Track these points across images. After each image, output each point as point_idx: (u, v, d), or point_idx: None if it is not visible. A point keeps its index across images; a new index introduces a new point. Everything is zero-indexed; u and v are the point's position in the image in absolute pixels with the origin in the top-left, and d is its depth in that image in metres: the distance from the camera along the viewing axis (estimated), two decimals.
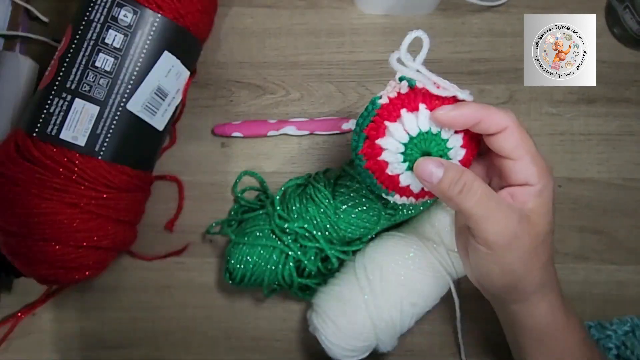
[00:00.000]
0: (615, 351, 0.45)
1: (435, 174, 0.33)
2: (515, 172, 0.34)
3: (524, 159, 0.33)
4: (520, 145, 0.33)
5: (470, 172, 0.33)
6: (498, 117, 0.33)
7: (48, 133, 0.41)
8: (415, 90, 0.33)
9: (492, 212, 0.33)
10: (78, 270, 0.44)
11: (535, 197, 0.34)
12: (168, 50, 0.44)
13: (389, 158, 0.35)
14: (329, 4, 0.54)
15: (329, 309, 0.44)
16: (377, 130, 0.34)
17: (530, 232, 0.33)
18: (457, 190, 0.32)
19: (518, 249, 0.33)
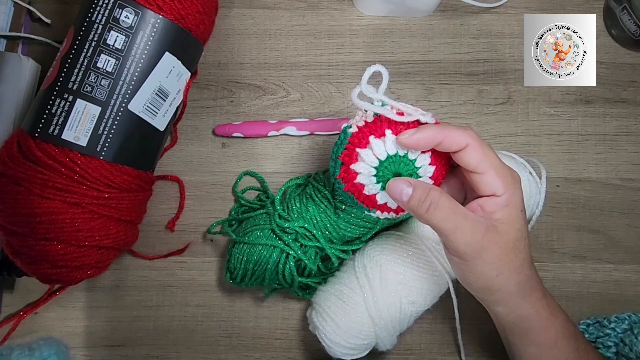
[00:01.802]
0: (614, 349, 0.46)
1: (405, 193, 0.36)
2: (482, 184, 0.36)
3: (488, 172, 0.35)
4: (483, 160, 0.35)
5: (436, 190, 0.35)
6: (457, 136, 0.35)
7: (50, 133, 0.42)
8: (381, 117, 0.36)
9: (459, 226, 0.35)
10: (80, 270, 0.44)
11: (502, 206, 0.36)
12: (169, 51, 0.45)
13: (363, 180, 0.38)
14: (328, 5, 0.55)
15: (329, 307, 0.44)
16: (350, 156, 0.37)
17: (498, 240, 0.36)
18: (425, 207, 0.35)
19: (488, 257, 0.36)
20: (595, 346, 0.47)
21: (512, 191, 0.36)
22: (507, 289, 0.38)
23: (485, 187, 0.36)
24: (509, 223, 0.36)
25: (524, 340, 0.40)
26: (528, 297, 0.39)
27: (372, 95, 0.36)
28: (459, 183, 0.40)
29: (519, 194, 0.37)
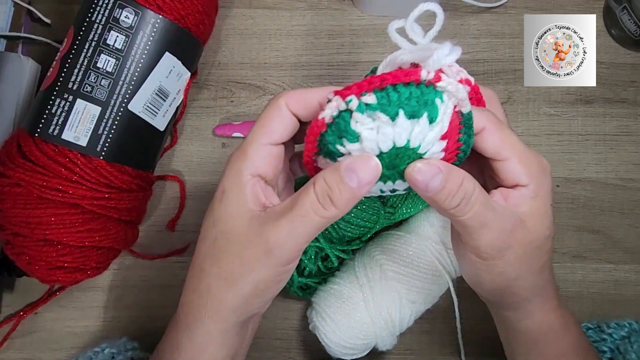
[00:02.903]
0: (609, 354, 0.45)
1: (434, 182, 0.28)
2: (504, 173, 0.31)
3: (510, 159, 0.30)
4: (503, 145, 0.30)
5: (470, 180, 0.29)
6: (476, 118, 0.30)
7: (50, 133, 0.42)
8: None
9: (488, 223, 0.29)
10: (80, 270, 0.44)
11: (529, 199, 0.30)
12: (169, 51, 0.45)
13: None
14: (329, 5, 0.55)
15: (329, 307, 0.44)
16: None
17: (525, 239, 0.31)
18: (455, 202, 0.28)
19: (510, 257, 0.31)
20: None
21: (539, 181, 0.31)
22: (523, 293, 0.33)
23: (507, 176, 0.31)
24: (537, 218, 0.31)
25: (531, 352, 0.36)
26: (542, 305, 0.35)
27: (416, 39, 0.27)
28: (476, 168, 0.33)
29: (548, 185, 0.31)
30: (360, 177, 0.27)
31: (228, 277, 0.30)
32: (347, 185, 0.27)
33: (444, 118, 0.27)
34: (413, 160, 0.28)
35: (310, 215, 0.27)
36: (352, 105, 0.26)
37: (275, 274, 0.29)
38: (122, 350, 0.44)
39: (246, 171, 0.29)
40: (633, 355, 0.43)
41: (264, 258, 0.28)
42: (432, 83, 0.26)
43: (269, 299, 0.32)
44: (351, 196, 0.27)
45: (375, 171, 0.27)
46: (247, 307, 0.31)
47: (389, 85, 0.26)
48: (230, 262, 0.30)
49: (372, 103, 0.26)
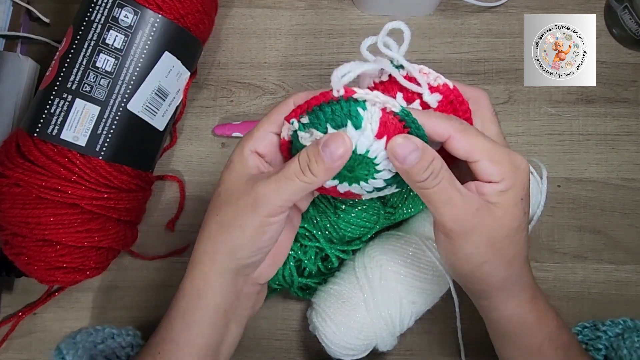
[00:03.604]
0: (604, 352, 0.45)
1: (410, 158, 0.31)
2: (477, 172, 0.33)
3: (482, 160, 0.33)
4: (472, 149, 0.33)
5: (439, 159, 0.32)
6: (437, 126, 0.33)
7: (49, 133, 0.42)
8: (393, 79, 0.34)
9: (452, 199, 0.32)
10: (79, 270, 0.44)
11: (498, 192, 0.33)
12: (168, 50, 0.44)
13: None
14: (328, 4, 0.54)
15: (329, 307, 0.44)
16: None
17: (491, 224, 0.33)
18: (425, 175, 0.32)
19: (476, 239, 0.33)
20: (587, 349, 0.46)
21: (512, 177, 0.33)
22: (492, 281, 0.35)
23: (480, 174, 0.33)
24: (505, 208, 0.33)
25: (507, 343, 0.38)
26: (514, 297, 0.36)
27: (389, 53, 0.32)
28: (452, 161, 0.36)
29: (522, 180, 0.34)
30: (332, 151, 0.31)
31: (224, 222, 0.35)
32: (322, 158, 0.32)
33: (371, 122, 0.32)
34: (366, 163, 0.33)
35: (293, 178, 0.33)
36: (294, 127, 0.33)
37: (259, 223, 0.34)
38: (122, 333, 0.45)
39: (248, 148, 0.35)
40: (625, 351, 0.43)
41: (251, 207, 0.34)
42: (349, 97, 0.31)
43: (257, 250, 0.35)
44: (325, 168, 0.32)
45: (344, 147, 0.31)
46: (237, 253, 0.35)
47: (315, 107, 0.32)
48: (227, 210, 0.35)
49: (306, 123, 0.33)
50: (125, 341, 0.45)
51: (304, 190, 0.33)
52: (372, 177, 0.34)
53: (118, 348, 0.44)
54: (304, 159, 0.33)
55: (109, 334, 0.45)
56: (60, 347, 0.42)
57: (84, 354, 0.41)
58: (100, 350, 0.43)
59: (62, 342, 0.43)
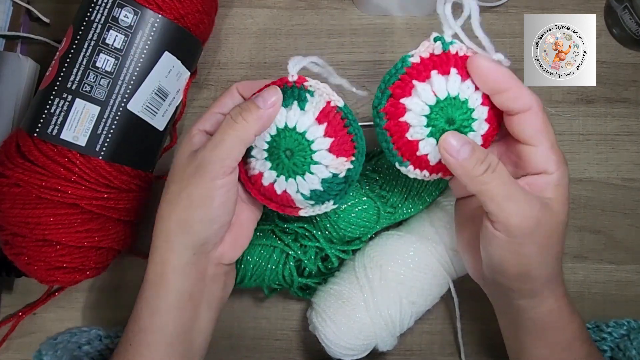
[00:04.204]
0: (609, 353, 0.45)
1: (463, 151, 0.32)
2: (534, 159, 0.33)
3: (544, 145, 0.33)
4: (542, 130, 0.33)
5: (494, 156, 0.32)
6: (526, 94, 0.32)
7: (49, 133, 0.42)
8: (449, 54, 0.33)
9: (515, 195, 0.32)
10: (79, 270, 0.44)
11: (554, 186, 0.33)
12: (168, 50, 0.44)
13: (411, 120, 0.34)
14: (328, 4, 0.54)
15: (329, 307, 0.44)
16: (403, 88, 0.34)
17: (551, 220, 0.33)
18: (482, 169, 0.31)
19: (538, 236, 0.33)
20: None
21: (563, 171, 0.33)
22: (543, 279, 0.35)
23: (536, 162, 0.33)
24: (560, 203, 0.33)
25: (538, 341, 0.37)
26: (555, 291, 0.36)
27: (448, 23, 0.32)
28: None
29: (568, 177, 0.34)
30: (265, 97, 0.34)
31: (172, 198, 0.35)
32: (255, 104, 0.34)
33: (314, 107, 0.35)
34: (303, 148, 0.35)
35: (226, 130, 0.34)
36: None
37: (205, 189, 0.34)
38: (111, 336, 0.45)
39: (196, 128, 0.37)
40: (633, 352, 0.43)
41: (194, 173, 0.34)
42: (301, 84, 0.36)
43: (208, 221, 0.35)
44: (258, 114, 0.34)
45: (276, 94, 0.34)
46: (188, 227, 0.35)
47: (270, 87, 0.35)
48: (174, 185, 0.36)
49: None
50: (114, 343, 0.44)
51: (240, 142, 0.34)
52: (309, 170, 0.35)
53: (105, 350, 0.44)
54: (236, 110, 0.34)
55: (96, 335, 0.44)
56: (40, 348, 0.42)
57: (63, 354, 0.41)
58: (85, 351, 0.43)
59: (43, 344, 0.43)
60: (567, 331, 0.37)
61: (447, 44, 0.33)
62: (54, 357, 0.41)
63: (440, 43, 0.33)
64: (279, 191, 0.37)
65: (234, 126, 0.34)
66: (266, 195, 0.38)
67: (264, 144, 0.36)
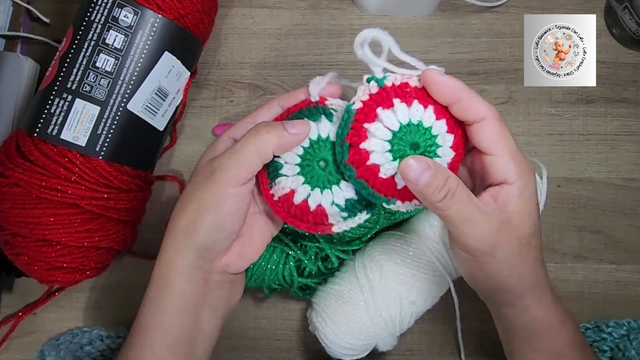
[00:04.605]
0: (609, 353, 0.45)
1: (423, 177, 0.32)
2: (494, 168, 0.33)
3: (502, 155, 0.33)
4: (499, 140, 0.33)
5: (454, 177, 0.32)
6: (478, 104, 0.33)
7: (49, 133, 0.42)
8: (385, 88, 0.34)
9: (473, 218, 0.32)
10: (79, 270, 0.44)
11: (515, 197, 0.33)
12: (168, 50, 0.44)
13: (377, 160, 0.34)
14: (329, 4, 0.54)
15: (329, 307, 0.44)
16: (358, 134, 0.34)
17: (512, 236, 0.33)
18: (441, 195, 0.32)
19: (501, 255, 0.33)
20: None
21: (526, 180, 0.33)
22: (518, 290, 0.35)
23: (497, 172, 0.33)
24: (523, 216, 0.33)
25: (528, 346, 0.38)
26: (538, 300, 0.36)
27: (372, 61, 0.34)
28: (466, 171, 0.37)
29: (533, 185, 0.34)
30: (293, 124, 0.34)
31: (184, 199, 0.36)
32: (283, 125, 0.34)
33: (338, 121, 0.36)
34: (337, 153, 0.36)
35: (248, 139, 0.34)
36: None
37: (216, 194, 0.34)
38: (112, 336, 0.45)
39: (226, 134, 0.38)
40: (633, 352, 0.43)
41: (208, 179, 0.34)
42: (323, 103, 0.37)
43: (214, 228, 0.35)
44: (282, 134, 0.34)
45: (306, 127, 0.35)
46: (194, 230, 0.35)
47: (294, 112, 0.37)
48: (189, 187, 0.36)
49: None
50: (115, 343, 0.44)
51: (257, 155, 0.34)
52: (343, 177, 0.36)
53: (107, 350, 0.44)
54: (262, 124, 0.34)
55: (97, 335, 0.44)
56: (42, 349, 0.42)
57: (66, 355, 0.41)
58: (87, 352, 0.43)
59: (45, 344, 0.43)
60: (557, 338, 0.37)
61: (381, 80, 0.34)
62: (57, 358, 0.40)
63: (374, 82, 0.35)
64: (313, 206, 0.36)
65: (256, 136, 0.34)
66: (297, 215, 0.37)
67: (297, 158, 0.36)
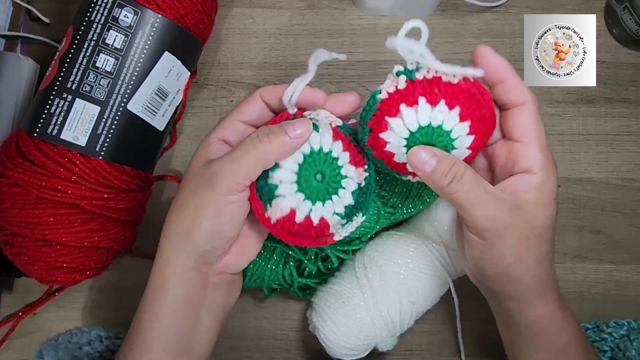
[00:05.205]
0: (609, 353, 0.45)
1: (428, 164, 0.33)
2: (521, 156, 0.33)
3: (532, 143, 0.33)
4: (533, 128, 0.33)
5: (461, 163, 0.33)
6: (523, 88, 0.33)
7: (49, 133, 0.42)
8: (415, 83, 0.33)
9: (482, 198, 0.32)
10: (79, 270, 0.44)
11: (534, 188, 0.33)
12: (168, 50, 0.44)
13: (393, 150, 0.35)
14: (328, 4, 0.54)
15: (329, 307, 0.44)
16: (379, 124, 0.35)
17: (523, 222, 0.33)
18: (447, 180, 0.32)
19: (509, 238, 0.33)
20: None
21: (548, 173, 0.33)
22: (524, 280, 0.35)
23: (522, 160, 0.33)
24: (538, 206, 0.33)
25: (532, 345, 0.37)
26: (543, 296, 0.36)
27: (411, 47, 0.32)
28: (485, 164, 0.37)
29: (554, 180, 0.34)
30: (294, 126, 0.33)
31: (181, 204, 0.35)
32: (284, 130, 0.33)
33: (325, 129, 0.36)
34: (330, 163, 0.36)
35: (248, 147, 0.33)
36: None
37: (215, 201, 0.33)
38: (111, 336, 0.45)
39: (214, 134, 0.36)
40: (633, 352, 0.43)
41: (206, 184, 0.34)
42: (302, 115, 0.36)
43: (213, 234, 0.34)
44: (284, 140, 0.33)
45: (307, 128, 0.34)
46: (192, 236, 0.34)
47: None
48: (184, 192, 0.35)
49: None
50: (114, 344, 0.44)
51: (259, 163, 0.33)
52: (341, 186, 0.37)
53: (106, 351, 0.44)
54: (263, 130, 0.33)
55: (96, 336, 0.44)
56: (41, 349, 0.42)
57: (64, 355, 0.41)
58: (85, 352, 0.43)
59: (43, 345, 0.43)
60: (560, 336, 0.37)
61: (412, 74, 0.33)
62: (55, 358, 0.40)
63: (403, 76, 0.33)
64: (316, 221, 0.37)
65: (257, 145, 0.33)
66: (299, 233, 0.37)
67: (293, 175, 0.36)
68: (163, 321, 0.36)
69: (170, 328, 0.36)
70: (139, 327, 0.36)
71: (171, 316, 0.36)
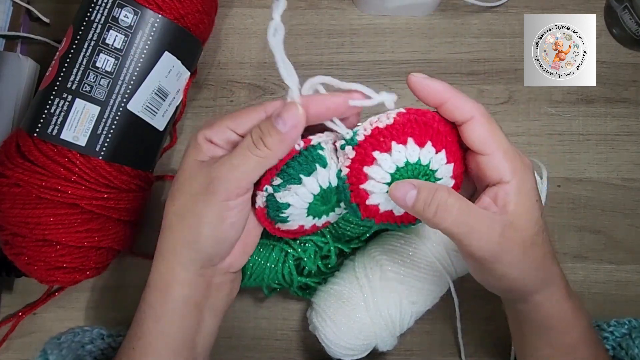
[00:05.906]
0: (611, 352, 0.45)
1: (409, 196, 0.32)
2: (488, 168, 0.32)
3: (495, 153, 0.32)
4: (490, 138, 0.32)
5: (444, 189, 0.32)
6: (464, 103, 0.32)
7: (49, 133, 0.42)
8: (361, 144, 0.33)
9: (473, 228, 0.32)
10: (79, 270, 0.44)
11: (513, 196, 0.32)
12: (168, 50, 0.44)
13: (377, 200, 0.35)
14: (328, 4, 0.54)
15: (329, 307, 0.44)
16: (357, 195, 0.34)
17: (517, 239, 0.32)
18: (432, 211, 0.31)
19: (507, 259, 0.33)
20: None
21: (522, 177, 0.32)
22: (530, 288, 0.35)
23: (491, 172, 0.32)
24: (524, 215, 0.32)
25: (542, 342, 0.37)
26: (551, 296, 0.36)
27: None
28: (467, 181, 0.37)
29: (531, 181, 0.33)
30: (285, 120, 0.31)
31: (180, 211, 0.34)
32: (276, 128, 0.31)
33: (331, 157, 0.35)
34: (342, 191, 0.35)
35: (247, 153, 0.32)
36: (269, 191, 0.34)
37: (217, 209, 0.33)
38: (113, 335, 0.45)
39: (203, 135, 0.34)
40: (636, 350, 0.43)
41: (206, 191, 0.33)
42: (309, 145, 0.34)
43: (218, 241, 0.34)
44: (280, 138, 0.32)
45: (297, 116, 0.32)
46: (197, 244, 0.34)
47: (282, 167, 0.33)
48: (182, 198, 0.34)
49: (280, 183, 0.34)
50: (116, 342, 0.44)
51: (260, 166, 0.32)
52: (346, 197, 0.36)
53: (108, 349, 0.44)
54: (256, 132, 0.32)
55: (98, 334, 0.44)
56: (45, 348, 0.42)
57: (68, 353, 0.41)
58: (88, 350, 0.43)
59: (47, 343, 0.43)
60: (571, 334, 0.37)
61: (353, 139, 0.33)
62: (59, 356, 0.40)
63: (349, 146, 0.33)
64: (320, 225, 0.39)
65: (255, 151, 0.32)
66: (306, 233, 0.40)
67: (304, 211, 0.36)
68: (168, 324, 0.35)
69: (175, 329, 0.36)
70: (142, 331, 0.36)
71: (176, 318, 0.35)
